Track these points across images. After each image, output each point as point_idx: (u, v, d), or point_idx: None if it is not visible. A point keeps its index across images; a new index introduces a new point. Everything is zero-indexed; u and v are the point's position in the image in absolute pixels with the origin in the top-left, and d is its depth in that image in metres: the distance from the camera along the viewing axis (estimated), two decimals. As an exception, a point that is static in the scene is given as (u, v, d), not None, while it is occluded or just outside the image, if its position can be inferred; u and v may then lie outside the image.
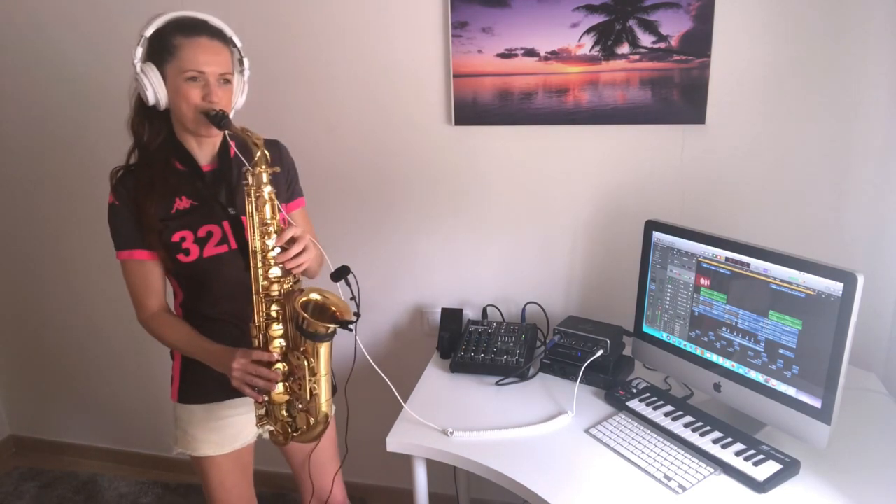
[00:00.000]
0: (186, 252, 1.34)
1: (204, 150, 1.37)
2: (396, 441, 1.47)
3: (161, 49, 1.26)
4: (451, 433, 1.45)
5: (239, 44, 1.35)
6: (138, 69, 1.27)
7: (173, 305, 1.47)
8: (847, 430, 1.36)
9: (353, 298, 1.27)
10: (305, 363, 1.27)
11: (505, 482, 1.33)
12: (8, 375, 2.70)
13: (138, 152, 1.36)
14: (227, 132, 1.36)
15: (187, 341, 1.38)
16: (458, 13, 1.75)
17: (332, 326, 1.23)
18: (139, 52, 1.27)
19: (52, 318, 2.52)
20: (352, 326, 1.24)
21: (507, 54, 1.75)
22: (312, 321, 1.22)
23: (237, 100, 1.38)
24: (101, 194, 2.24)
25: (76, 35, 2.09)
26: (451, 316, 1.91)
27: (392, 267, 2.05)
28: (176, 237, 1.33)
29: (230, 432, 1.49)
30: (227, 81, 1.30)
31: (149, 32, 1.26)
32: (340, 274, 1.29)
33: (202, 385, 1.44)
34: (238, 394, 1.44)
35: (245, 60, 1.38)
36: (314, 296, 1.28)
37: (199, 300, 1.41)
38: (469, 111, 1.82)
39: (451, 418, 1.51)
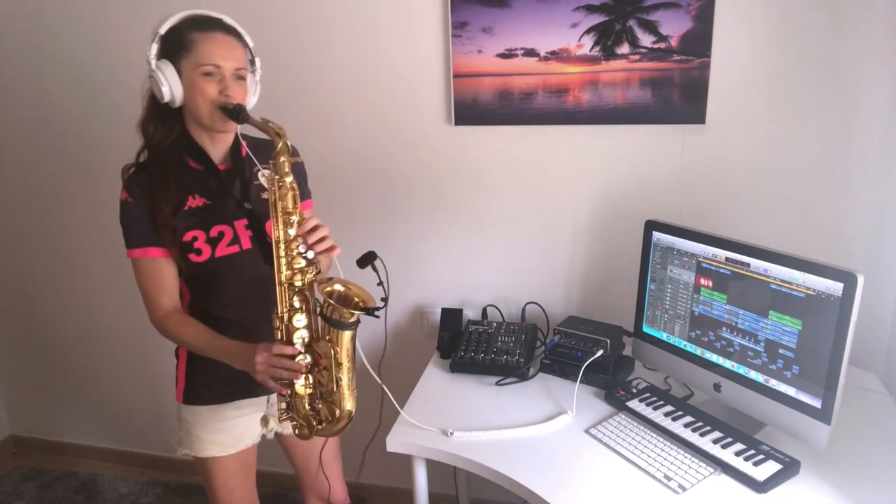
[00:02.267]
0: (198, 252, 1.33)
1: (217, 147, 1.37)
2: (396, 441, 1.47)
3: (177, 45, 1.27)
4: (451, 433, 1.45)
5: (251, 43, 1.36)
6: (153, 66, 1.27)
7: (182, 304, 1.46)
8: (847, 430, 1.36)
9: (380, 284, 1.27)
10: (332, 352, 1.26)
11: (505, 482, 1.33)
12: (8, 375, 2.70)
13: (148, 151, 1.35)
14: (239, 130, 1.37)
15: (205, 340, 1.36)
16: (458, 13, 1.75)
17: (357, 313, 1.22)
18: (154, 48, 1.27)
19: (52, 318, 2.52)
20: (378, 313, 1.23)
21: (507, 54, 1.75)
22: (339, 307, 1.22)
23: (250, 98, 1.38)
24: (102, 193, 2.26)
25: (78, 32, 2.09)
26: (451, 316, 1.91)
27: (392, 267, 2.03)
28: (188, 236, 1.33)
29: (235, 433, 1.49)
30: (242, 78, 1.31)
31: (164, 30, 1.27)
32: (367, 259, 1.30)
33: (207, 386, 1.44)
34: (243, 394, 1.45)
35: (257, 60, 1.38)
36: (338, 286, 1.27)
37: (207, 301, 1.41)
38: (469, 111, 1.82)
39: (451, 418, 1.51)
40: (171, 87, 1.27)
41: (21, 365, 2.66)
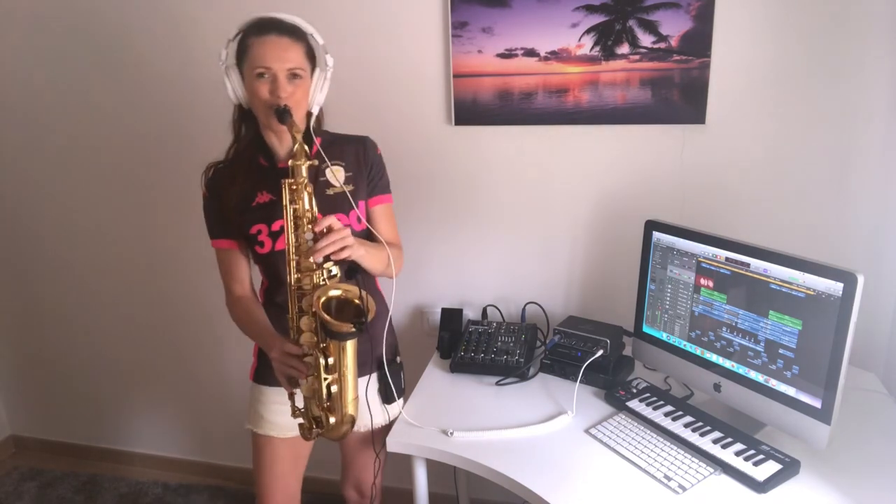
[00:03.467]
0: (262, 244, 1.43)
1: (284, 146, 1.43)
2: (396, 441, 1.47)
3: (239, 51, 1.35)
4: (452, 433, 1.45)
5: (320, 40, 1.39)
6: (223, 70, 1.36)
7: (259, 291, 1.55)
8: (847, 430, 1.36)
9: (360, 299, 1.27)
10: (326, 361, 1.27)
11: (505, 482, 1.33)
12: (8, 375, 2.70)
13: (234, 149, 1.45)
14: (315, 126, 1.43)
15: (251, 328, 1.47)
16: (458, 13, 1.75)
17: (346, 326, 1.22)
18: (223, 54, 1.36)
19: (52, 318, 2.53)
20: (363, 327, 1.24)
21: (507, 54, 1.75)
22: (330, 321, 1.22)
23: (316, 95, 1.41)
24: (103, 193, 2.26)
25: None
26: (451, 316, 1.91)
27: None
28: (253, 230, 1.42)
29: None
30: (297, 76, 1.34)
31: (231, 36, 1.35)
32: (351, 272, 1.32)
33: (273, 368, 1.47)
34: None
35: (328, 57, 1.40)
36: (335, 292, 1.27)
37: (276, 289, 1.49)
38: (469, 111, 1.82)
39: (451, 418, 1.51)
40: (234, 90, 1.37)
41: (21, 365, 2.66)
